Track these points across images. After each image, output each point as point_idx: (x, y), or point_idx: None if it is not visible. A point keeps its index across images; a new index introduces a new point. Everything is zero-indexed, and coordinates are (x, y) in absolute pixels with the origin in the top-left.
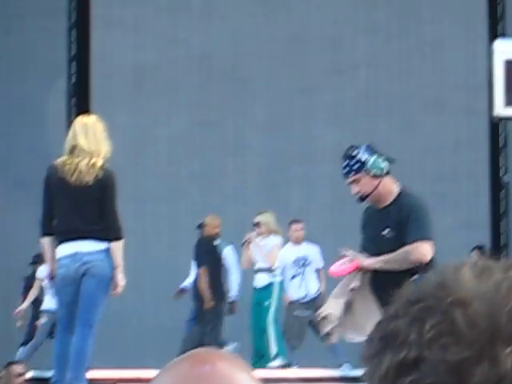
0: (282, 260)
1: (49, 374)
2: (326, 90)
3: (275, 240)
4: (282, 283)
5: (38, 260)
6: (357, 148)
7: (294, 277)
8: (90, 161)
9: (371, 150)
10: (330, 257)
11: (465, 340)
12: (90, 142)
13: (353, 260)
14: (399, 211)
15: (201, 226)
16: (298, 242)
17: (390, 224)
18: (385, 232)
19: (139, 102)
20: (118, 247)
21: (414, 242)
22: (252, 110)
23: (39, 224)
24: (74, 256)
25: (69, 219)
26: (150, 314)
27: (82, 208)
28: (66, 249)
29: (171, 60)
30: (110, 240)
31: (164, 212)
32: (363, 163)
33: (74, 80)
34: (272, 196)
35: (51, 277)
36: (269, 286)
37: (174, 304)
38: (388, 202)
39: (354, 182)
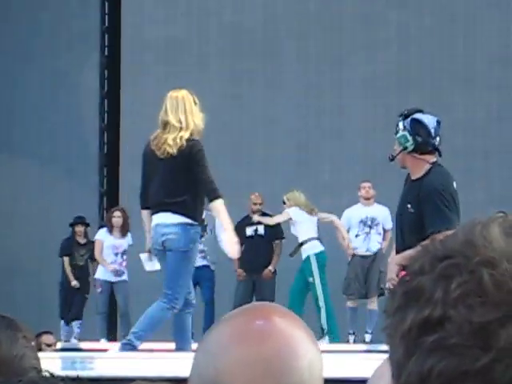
0: (348, 217)
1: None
2: (357, 65)
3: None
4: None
5: (78, 222)
6: (409, 116)
7: (357, 236)
8: (178, 134)
9: (416, 126)
10: None
11: (491, 301)
12: (181, 116)
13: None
14: (420, 189)
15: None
16: (367, 201)
17: (412, 200)
18: (408, 206)
19: (170, 74)
20: (219, 207)
21: (433, 232)
22: (282, 84)
23: (140, 195)
24: (155, 228)
25: (155, 192)
26: None
27: (166, 181)
28: (153, 221)
29: (202, 33)
30: (186, 214)
31: None
32: (396, 131)
33: (106, 53)
34: (302, 170)
35: (149, 250)
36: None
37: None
38: (416, 177)
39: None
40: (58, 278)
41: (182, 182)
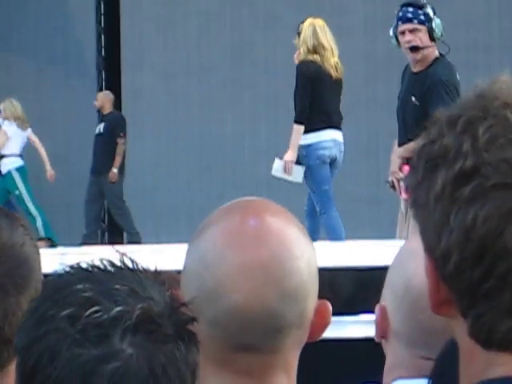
0: None
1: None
2: None
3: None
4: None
5: None
6: (425, 2)
7: None
8: (336, 59)
9: (435, 12)
10: (362, 129)
11: None
12: (330, 41)
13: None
14: (425, 80)
15: None
16: None
17: (416, 92)
18: (413, 98)
19: None
20: None
21: None
22: None
23: (300, 113)
24: (334, 141)
25: (336, 111)
26: (182, 188)
27: (338, 101)
28: (330, 135)
29: None
30: None
31: (195, 86)
32: (430, 19)
33: None
34: None
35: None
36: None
37: (205, 178)
38: (419, 69)
39: (412, 30)
40: (44, 187)
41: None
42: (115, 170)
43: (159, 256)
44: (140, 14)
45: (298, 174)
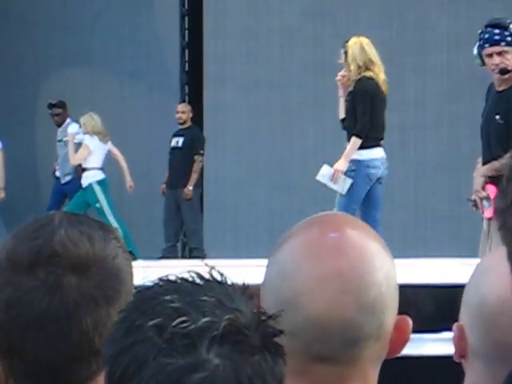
0: None
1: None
2: None
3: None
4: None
5: None
6: (510, 21)
7: None
8: (383, 76)
9: None
10: (444, 146)
11: None
12: (377, 58)
13: (487, 195)
14: (510, 99)
15: None
16: None
17: (500, 111)
18: (497, 117)
19: None
20: None
21: None
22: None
23: (363, 127)
24: (382, 160)
25: (382, 127)
26: (263, 203)
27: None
28: (379, 153)
29: None
30: None
31: (276, 101)
32: None
33: None
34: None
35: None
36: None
37: (286, 193)
38: (507, 86)
39: (500, 53)
40: (125, 200)
41: None
42: (190, 188)
43: (240, 271)
44: (223, 29)
45: (343, 186)
